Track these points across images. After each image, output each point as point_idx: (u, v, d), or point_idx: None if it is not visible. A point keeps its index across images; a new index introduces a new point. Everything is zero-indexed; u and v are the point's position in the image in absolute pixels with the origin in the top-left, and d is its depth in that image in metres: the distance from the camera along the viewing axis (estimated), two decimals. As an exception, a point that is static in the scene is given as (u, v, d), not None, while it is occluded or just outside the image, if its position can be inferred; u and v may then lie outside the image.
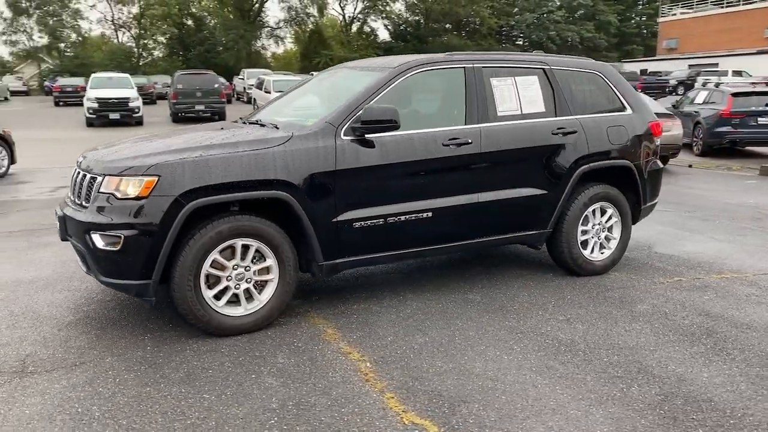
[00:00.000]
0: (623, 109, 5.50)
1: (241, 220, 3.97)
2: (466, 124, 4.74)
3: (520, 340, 4.04)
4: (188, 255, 3.84)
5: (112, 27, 55.97)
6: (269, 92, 23.60)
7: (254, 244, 4.03)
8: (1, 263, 5.68)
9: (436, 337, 4.08)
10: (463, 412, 3.14)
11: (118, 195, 3.82)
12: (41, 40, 53.92)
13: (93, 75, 25.17)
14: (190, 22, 56.61)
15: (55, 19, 53.42)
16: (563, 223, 5.18)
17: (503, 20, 58.03)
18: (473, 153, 4.68)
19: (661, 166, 5.91)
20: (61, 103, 33.75)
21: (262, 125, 4.68)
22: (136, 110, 22.81)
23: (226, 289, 4.03)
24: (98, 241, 3.82)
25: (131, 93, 23.08)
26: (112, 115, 22.46)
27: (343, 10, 58.35)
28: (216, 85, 24.46)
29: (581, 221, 5.25)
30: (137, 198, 3.78)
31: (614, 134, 5.33)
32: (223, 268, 4.00)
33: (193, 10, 57.19)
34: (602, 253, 5.44)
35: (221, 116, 23.11)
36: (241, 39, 53.57)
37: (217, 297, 4.02)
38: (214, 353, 3.80)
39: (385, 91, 4.51)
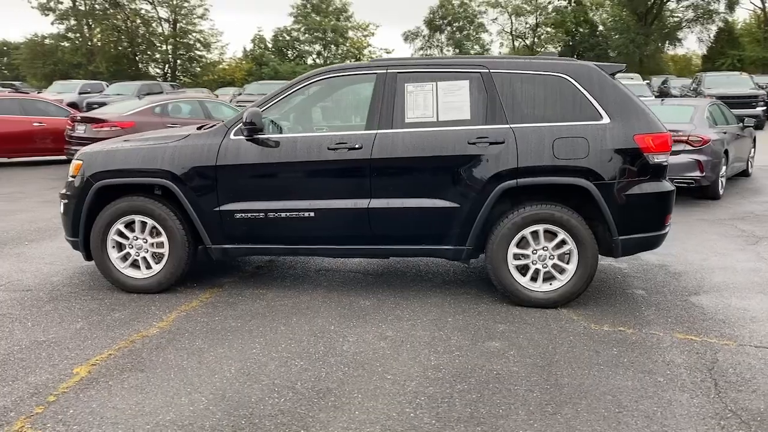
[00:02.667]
0: (597, 117, 4.62)
1: (136, 201, 4.94)
2: (365, 130, 4.78)
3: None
4: (98, 223, 4.99)
5: (510, 37, 59.67)
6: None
7: (149, 221, 4.96)
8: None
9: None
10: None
11: (69, 172, 5.19)
12: (447, 53, 60.79)
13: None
14: (582, 29, 56.84)
15: (462, 33, 59.61)
16: (489, 242, 4.71)
17: None
18: (362, 158, 4.71)
19: (666, 189, 4.71)
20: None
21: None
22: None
23: (128, 255, 5.04)
24: (60, 206, 5.25)
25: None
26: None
27: (763, 2, 50.93)
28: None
29: (514, 243, 4.67)
30: (72, 176, 5.08)
31: (565, 147, 4.57)
32: (126, 237, 5.03)
33: (591, 15, 57.23)
34: (550, 285, 4.71)
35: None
36: (631, 43, 51.69)
37: (124, 260, 5.06)
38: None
39: (282, 97, 4.91)
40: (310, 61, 61.35)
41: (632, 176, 4.61)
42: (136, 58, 58.27)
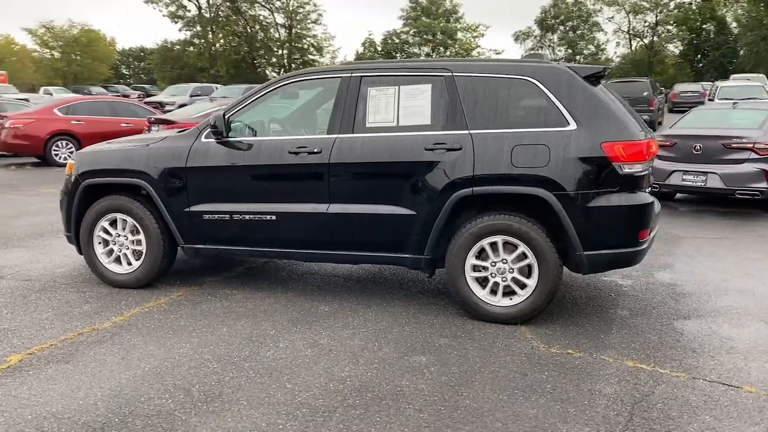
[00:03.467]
0: (563, 123, 4.31)
1: (118, 199, 5.18)
2: (327, 134, 4.74)
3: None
4: (86, 220, 5.28)
5: (627, 37, 56.87)
6: (711, 100, 21.41)
7: (129, 219, 5.18)
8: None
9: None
10: (51, 367, 3.79)
11: (65, 171, 5.53)
12: (558, 53, 58.95)
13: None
14: (708, 26, 53.18)
15: (575, 33, 57.57)
16: (447, 252, 4.52)
17: None
18: (321, 163, 4.67)
19: (640, 201, 4.30)
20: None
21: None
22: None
23: (112, 251, 5.30)
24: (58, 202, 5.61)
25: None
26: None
27: None
28: (645, 93, 23.40)
29: (473, 254, 4.45)
30: (67, 175, 5.41)
31: (524, 155, 4.30)
32: (110, 234, 5.28)
33: (721, 12, 53.47)
34: (510, 299, 4.45)
35: (650, 126, 22.14)
36: (762, 41, 47.78)
37: (109, 255, 5.32)
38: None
39: (253, 101, 4.97)
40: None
41: (598, 187, 4.26)
42: (254, 62, 60.99)
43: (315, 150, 4.68)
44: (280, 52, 61.71)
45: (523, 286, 4.41)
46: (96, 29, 65.36)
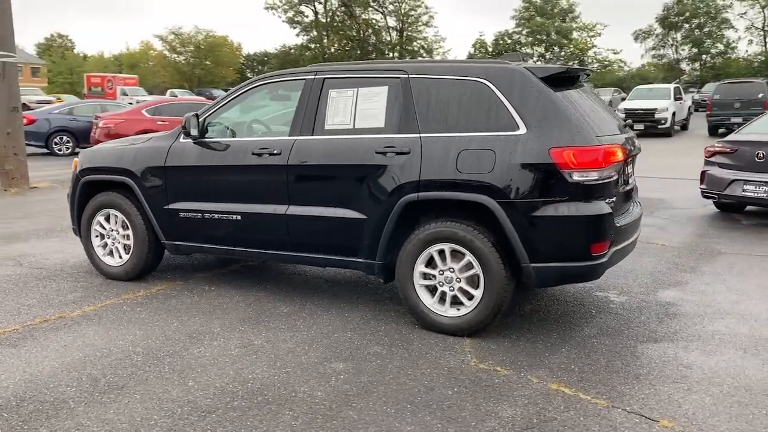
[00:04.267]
0: (513, 127, 4.08)
1: (109, 196, 5.48)
2: (288, 136, 4.77)
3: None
4: (84, 214, 5.63)
5: (762, 34, 52.43)
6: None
7: (119, 215, 5.46)
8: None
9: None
10: None
11: (71, 168, 5.92)
12: (682, 52, 55.45)
13: (636, 87, 25.78)
14: None
15: (702, 30, 53.90)
16: (398, 258, 4.42)
17: None
18: (280, 164, 4.71)
19: (593, 212, 3.97)
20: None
21: None
22: (662, 121, 22.50)
23: (107, 244, 5.60)
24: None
25: (661, 104, 22.81)
26: (637, 126, 22.79)
27: None
28: (760, 95, 21.56)
29: (422, 261, 4.32)
30: (73, 172, 5.79)
31: (470, 160, 4.12)
32: (104, 228, 5.59)
33: None
34: (458, 310, 4.28)
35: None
36: None
37: (104, 248, 5.63)
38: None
39: (226, 103, 5.09)
40: (530, 63, 60.20)
41: (545, 195, 3.98)
42: (365, 65, 62.18)
43: (275, 151, 4.72)
44: (391, 54, 62.47)
45: (470, 297, 4.22)
46: (223, 35, 69.19)
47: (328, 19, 62.99)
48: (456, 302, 4.28)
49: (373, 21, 62.64)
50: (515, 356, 3.97)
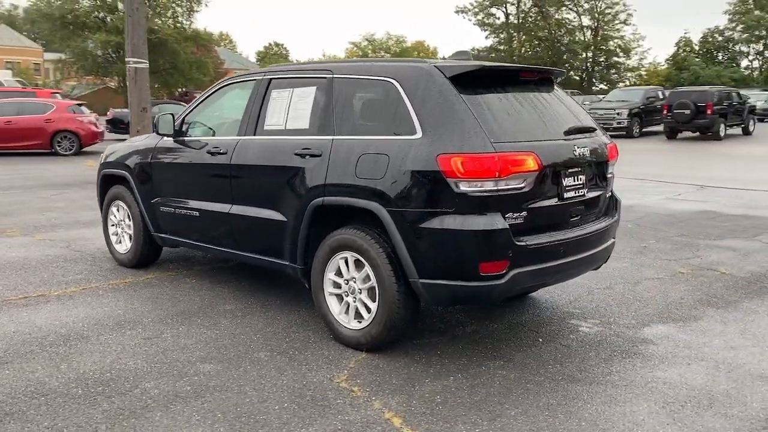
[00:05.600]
0: (411, 131, 3.76)
1: (119, 189, 5.94)
2: (236, 136, 4.85)
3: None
4: (104, 205, 6.18)
5: None
6: None
7: (124, 206, 5.92)
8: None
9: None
10: None
11: (100, 162, 6.51)
12: None
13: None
14: None
15: None
16: (312, 264, 4.30)
17: None
18: (225, 164, 4.80)
19: (480, 227, 3.51)
20: None
21: None
22: None
23: (117, 232, 6.09)
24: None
25: None
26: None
27: None
28: None
29: (331, 268, 4.15)
30: (99, 165, 6.37)
31: (367, 164, 3.88)
32: (115, 218, 6.08)
33: None
34: (359, 322, 4.05)
35: None
36: None
37: (115, 236, 6.13)
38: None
39: (199, 103, 5.29)
40: (745, 63, 54.00)
41: (432, 206, 3.61)
42: (555, 66, 59.98)
43: (222, 151, 4.82)
44: (584, 54, 59.69)
45: (369, 309, 3.97)
46: (420, 40, 71.01)
47: (520, 20, 61.82)
48: (358, 314, 4.05)
49: (566, 21, 60.24)
50: (390, 378, 3.65)
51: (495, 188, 3.53)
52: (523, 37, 62.29)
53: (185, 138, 5.23)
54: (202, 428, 3.09)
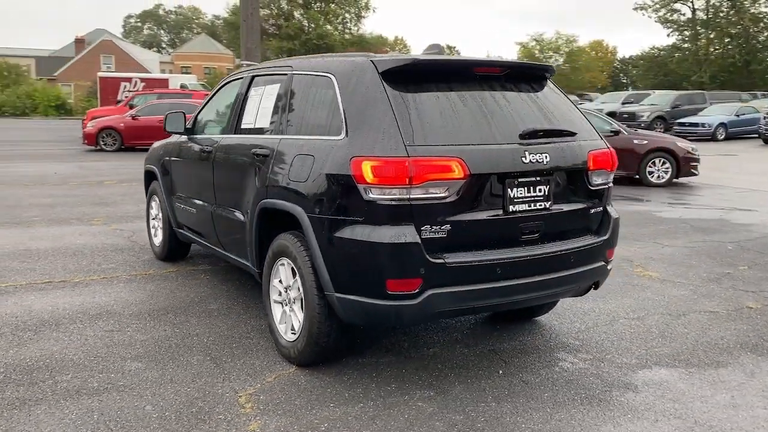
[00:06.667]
0: (339, 130, 3.45)
1: (154, 185, 6.17)
2: (220, 134, 4.83)
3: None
4: (147, 200, 6.48)
5: None
6: None
7: (157, 202, 6.14)
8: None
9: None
10: None
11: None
12: None
13: None
14: None
15: None
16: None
17: None
18: (209, 162, 4.80)
19: (385, 240, 3.11)
20: None
21: None
22: None
23: (154, 226, 6.35)
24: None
25: None
26: None
27: None
28: None
29: (276, 275, 3.96)
30: (146, 163, 6.68)
31: (297, 166, 3.64)
32: (152, 213, 6.33)
33: None
34: (293, 334, 3.82)
35: None
36: None
37: (153, 229, 6.39)
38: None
39: (208, 101, 5.33)
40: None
41: (344, 214, 3.28)
42: (749, 66, 53.94)
43: (207, 149, 4.81)
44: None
45: (300, 322, 3.72)
46: (598, 39, 67.65)
47: (709, 16, 56.43)
48: (293, 326, 3.81)
49: (764, 15, 53.93)
50: (295, 399, 3.37)
51: (406, 196, 3.12)
52: (712, 34, 56.75)
53: (194, 136, 5.29)
54: (69, 428, 3.04)
